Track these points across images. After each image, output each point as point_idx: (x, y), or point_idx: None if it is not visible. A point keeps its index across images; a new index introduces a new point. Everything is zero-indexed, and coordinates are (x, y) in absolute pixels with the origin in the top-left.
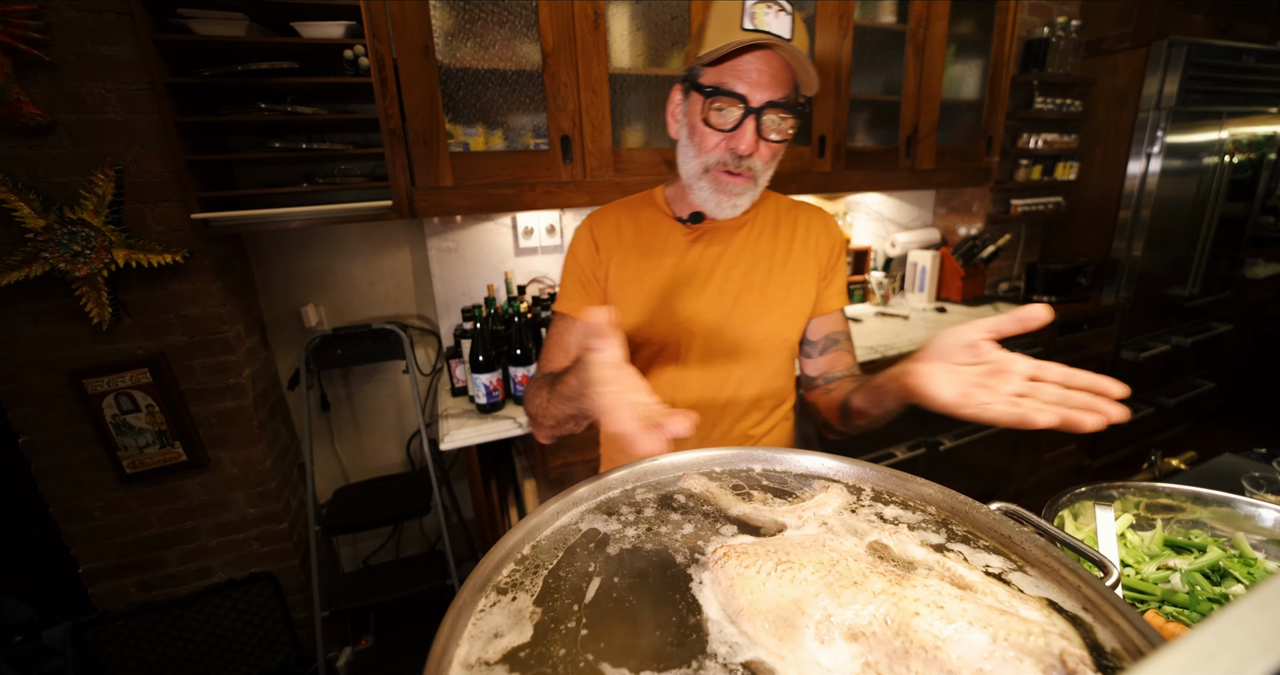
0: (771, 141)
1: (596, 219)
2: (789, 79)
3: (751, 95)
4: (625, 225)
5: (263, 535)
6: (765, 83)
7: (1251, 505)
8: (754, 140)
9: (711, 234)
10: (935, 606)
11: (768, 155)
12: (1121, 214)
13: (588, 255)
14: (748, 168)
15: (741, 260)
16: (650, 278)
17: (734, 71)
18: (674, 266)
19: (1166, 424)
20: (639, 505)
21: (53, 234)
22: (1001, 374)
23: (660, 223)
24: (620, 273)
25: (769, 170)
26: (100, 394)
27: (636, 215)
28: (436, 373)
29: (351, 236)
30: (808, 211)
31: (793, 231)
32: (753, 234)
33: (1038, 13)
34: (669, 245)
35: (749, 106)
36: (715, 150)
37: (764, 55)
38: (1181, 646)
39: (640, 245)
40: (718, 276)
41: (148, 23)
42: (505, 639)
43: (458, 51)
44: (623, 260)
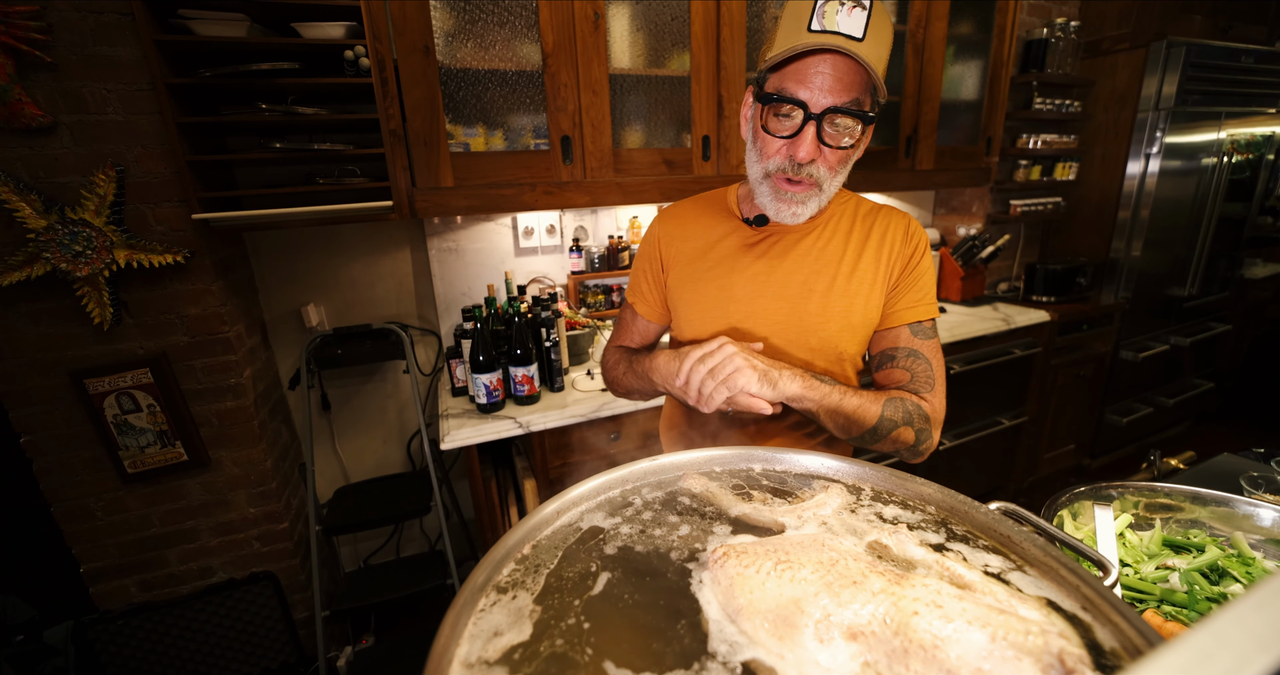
0: (837, 149)
1: (666, 215)
2: (859, 81)
3: (812, 101)
4: (690, 224)
5: (263, 535)
6: (828, 87)
7: (1250, 505)
8: (814, 147)
9: (776, 237)
10: (934, 606)
11: (834, 162)
12: (1121, 214)
13: (653, 251)
14: (808, 175)
15: (804, 266)
16: (708, 278)
17: (796, 76)
18: (733, 268)
19: (1165, 424)
20: (639, 505)
21: (54, 234)
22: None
23: (726, 223)
24: (680, 272)
25: (838, 177)
26: (101, 394)
27: (704, 214)
28: (437, 373)
29: (352, 237)
30: (887, 216)
31: (866, 238)
32: (821, 239)
33: (1037, 13)
34: (731, 247)
35: (809, 113)
36: (775, 156)
37: (829, 58)
38: (1180, 646)
39: (703, 245)
40: (776, 281)
41: (149, 23)
42: (505, 638)
43: (458, 52)
44: (684, 259)
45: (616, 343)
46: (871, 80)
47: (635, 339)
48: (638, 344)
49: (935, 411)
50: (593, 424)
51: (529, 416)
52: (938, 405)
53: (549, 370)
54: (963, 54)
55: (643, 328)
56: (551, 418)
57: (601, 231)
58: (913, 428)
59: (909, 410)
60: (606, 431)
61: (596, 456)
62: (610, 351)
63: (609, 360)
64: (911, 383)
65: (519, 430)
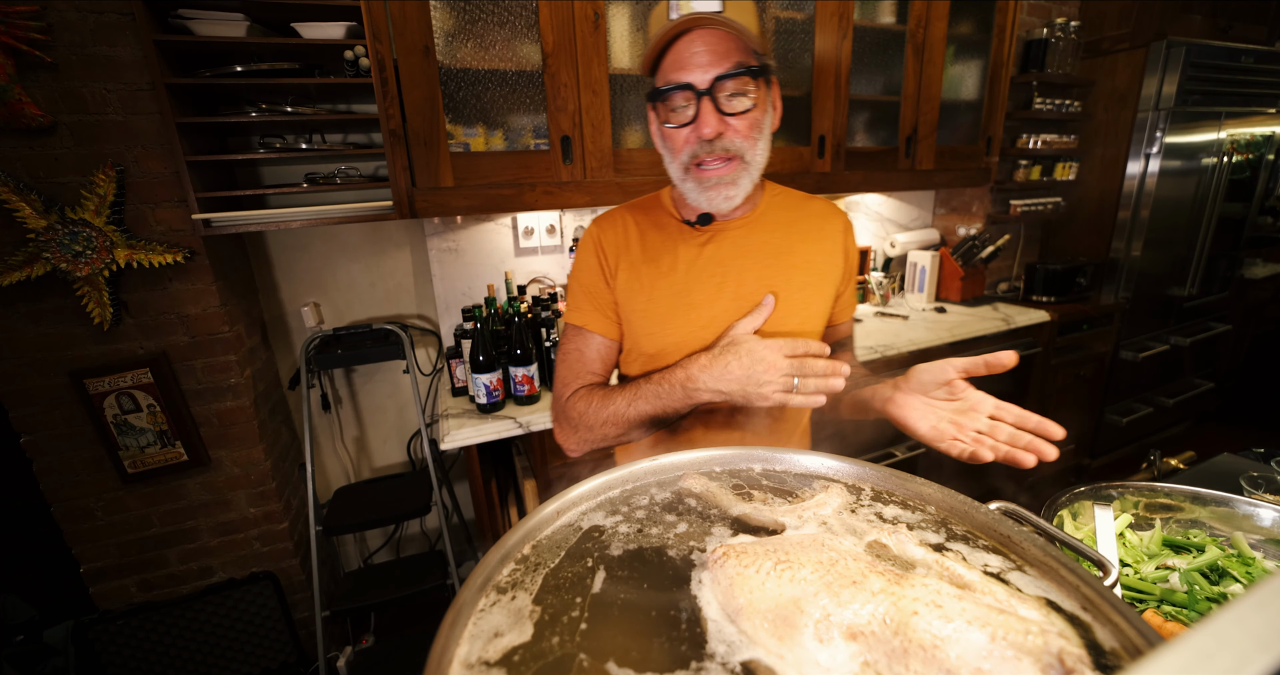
0: (739, 114)
1: (602, 225)
2: (734, 46)
3: (696, 78)
4: (632, 231)
5: (263, 535)
6: (706, 61)
7: (1250, 505)
8: (717, 120)
9: (722, 234)
10: (934, 606)
11: (745, 129)
12: (1120, 214)
13: (596, 263)
14: (724, 150)
15: (757, 264)
16: (662, 285)
17: (675, 64)
18: (686, 272)
19: (1165, 424)
20: (639, 505)
21: (54, 234)
22: (970, 412)
23: (668, 226)
24: (630, 281)
25: (759, 145)
26: (101, 394)
27: (643, 219)
28: (437, 373)
29: (352, 236)
30: (822, 207)
31: (808, 228)
32: (763, 232)
33: (1037, 13)
34: (679, 250)
35: (698, 90)
36: (686, 146)
37: (696, 35)
38: (1180, 646)
39: (649, 251)
40: (732, 280)
41: (148, 23)
42: (505, 638)
43: (458, 52)
44: (631, 268)
45: (577, 384)
46: (747, 43)
47: (598, 368)
48: (603, 374)
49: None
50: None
51: (529, 416)
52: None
53: (549, 370)
54: (963, 54)
55: (604, 351)
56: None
57: None
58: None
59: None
60: None
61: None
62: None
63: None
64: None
65: (519, 430)
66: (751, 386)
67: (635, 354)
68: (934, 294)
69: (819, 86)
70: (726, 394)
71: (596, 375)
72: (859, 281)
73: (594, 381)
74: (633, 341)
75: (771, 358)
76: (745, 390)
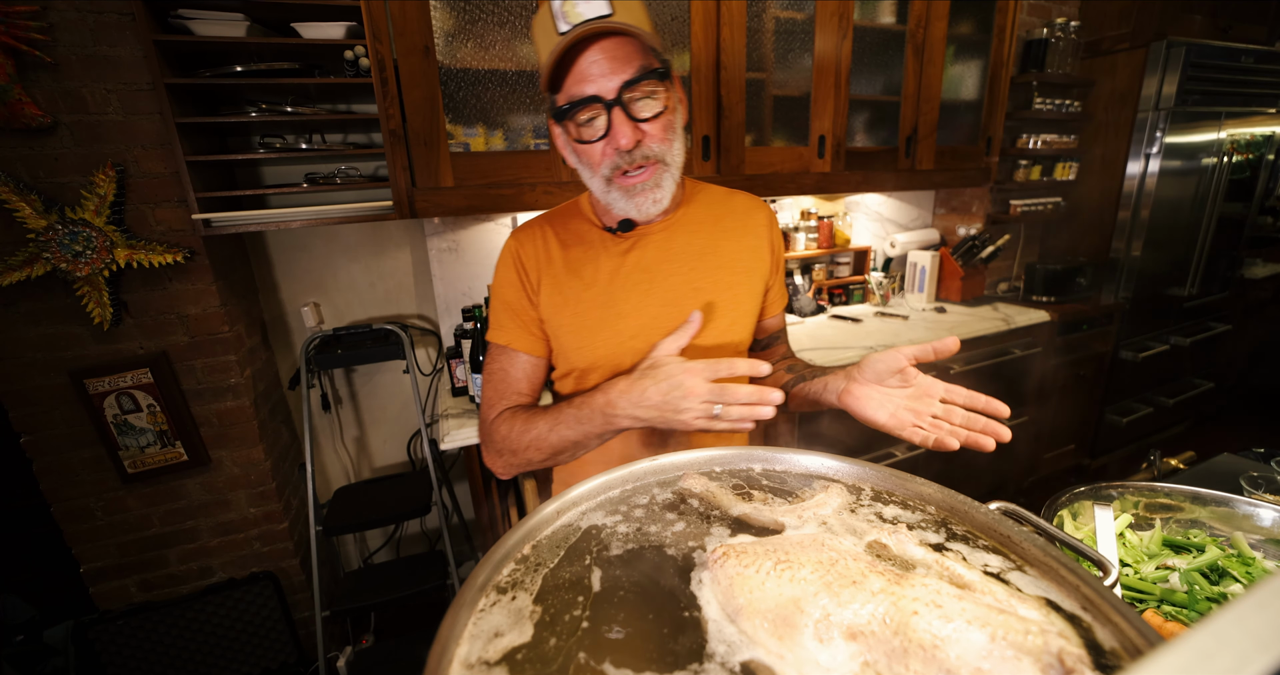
0: (653, 118)
1: (521, 238)
2: (634, 50)
3: (602, 89)
4: (553, 242)
5: (263, 535)
6: (609, 69)
7: (1250, 505)
8: (631, 129)
9: (645, 239)
10: (934, 605)
11: (659, 133)
12: (1120, 214)
13: (516, 279)
14: (644, 157)
15: (683, 266)
16: (587, 297)
17: (576, 78)
18: (610, 281)
19: (1165, 424)
20: (639, 505)
21: (54, 234)
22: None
23: (589, 235)
24: (553, 296)
25: (675, 146)
26: (101, 394)
27: (564, 230)
28: (437, 372)
29: (352, 236)
30: (745, 202)
31: (731, 225)
32: (686, 232)
33: (1037, 13)
34: (601, 259)
35: (607, 102)
36: (605, 160)
37: (593, 46)
38: (1180, 645)
39: (571, 263)
40: (660, 288)
41: (148, 23)
42: (505, 638)
43: (458, 52)
44: (554, 282)
45: (503, 406)
46: (646, 44)
47: (525, 388)
48: (530, 393)
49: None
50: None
51: None
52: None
53: None
54: (963, 54)
55: (530, 370)
56: None
57: None
58: None
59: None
60: None
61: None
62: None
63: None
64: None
65: None
66: (670, 413)
67: (566, 370)
68: (934, 294)
69: (819, 86)
70: (646, 420)
71: (523, 395)
72: (858, 282)
73: (521, 402)
74: (562, 357)
75: (690, 383)
76: (665, 417)
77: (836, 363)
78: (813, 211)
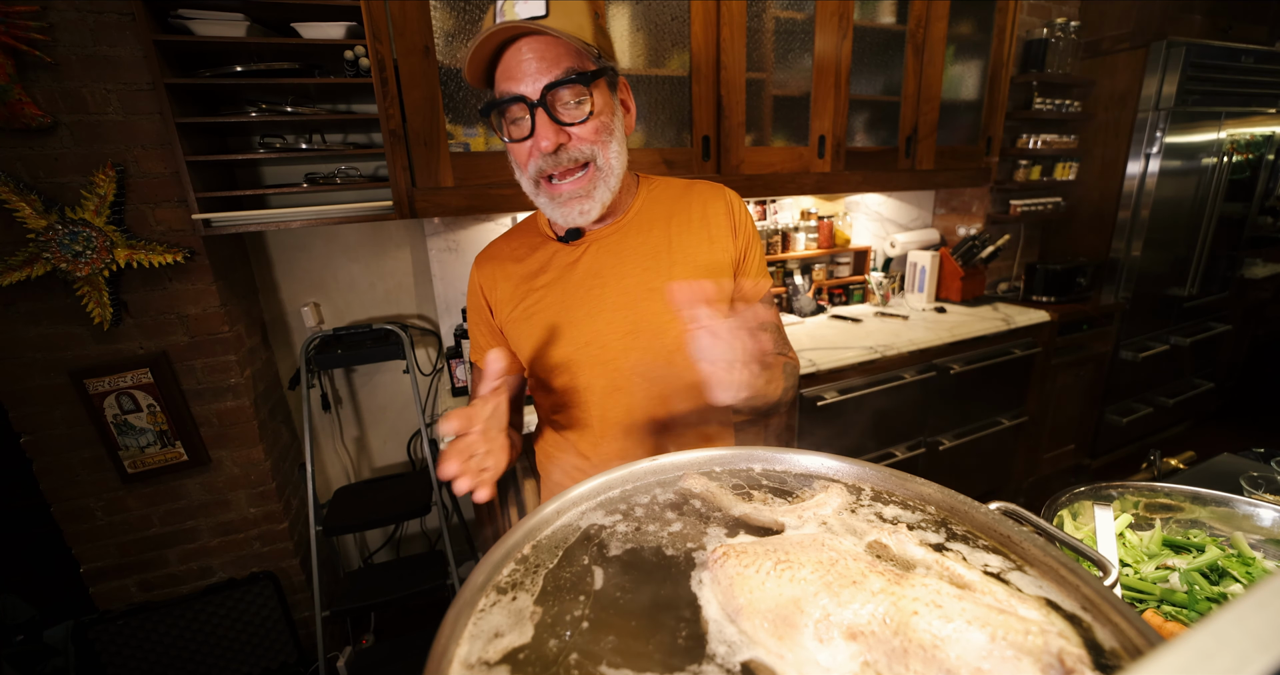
0: (581, 123)
1: (481, 259)
2: (565, 51)
3: (526, 89)
4: (507, 260)
5: (263, 535)
6: (535, 69)
7: (1250, 505)
8: (554, 131)
9: (597, 244)
10: (934, 606)
11: (590, 134)
12: (1120, 214)
13: (479, 301)
14: (571, 160)
15: (635, 266)
16: (540, 308)
17: (504, 75)
18: (563, 290)
19: (1165, 424)
20: (639, 505)
21: (54, 234)
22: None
23: (542, 247)
24: (510, 310)
25: (611, 149)
26: (101, 394)
27: (520, 245)
28: (437, 372)
29: (352, 237)
30: (703, 192)
31: (688, 219)
32: (639, 233)
33: (1037, 13)
34: (553, 269)
35: (530, 102)
36: (531, 160)
37: (523, 44)
38: (1180, 645)
39: (526, 276)
40: (611, 291)
41: (148, 23)
42: (505, 639)
43: (458, 52)
44: (510, 296)
45: None
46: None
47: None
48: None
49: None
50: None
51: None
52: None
53: None
54: (963, 54)
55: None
56: None
57: None
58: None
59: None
60: None
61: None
62: None
63: None
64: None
65: None
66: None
67: (532, 380)
68: (934, 294)
69: (819, 86)
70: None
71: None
72: (858, 282)
73: None
74: (526, 367)
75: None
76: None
77: (836, 363)
78: (813, 211)
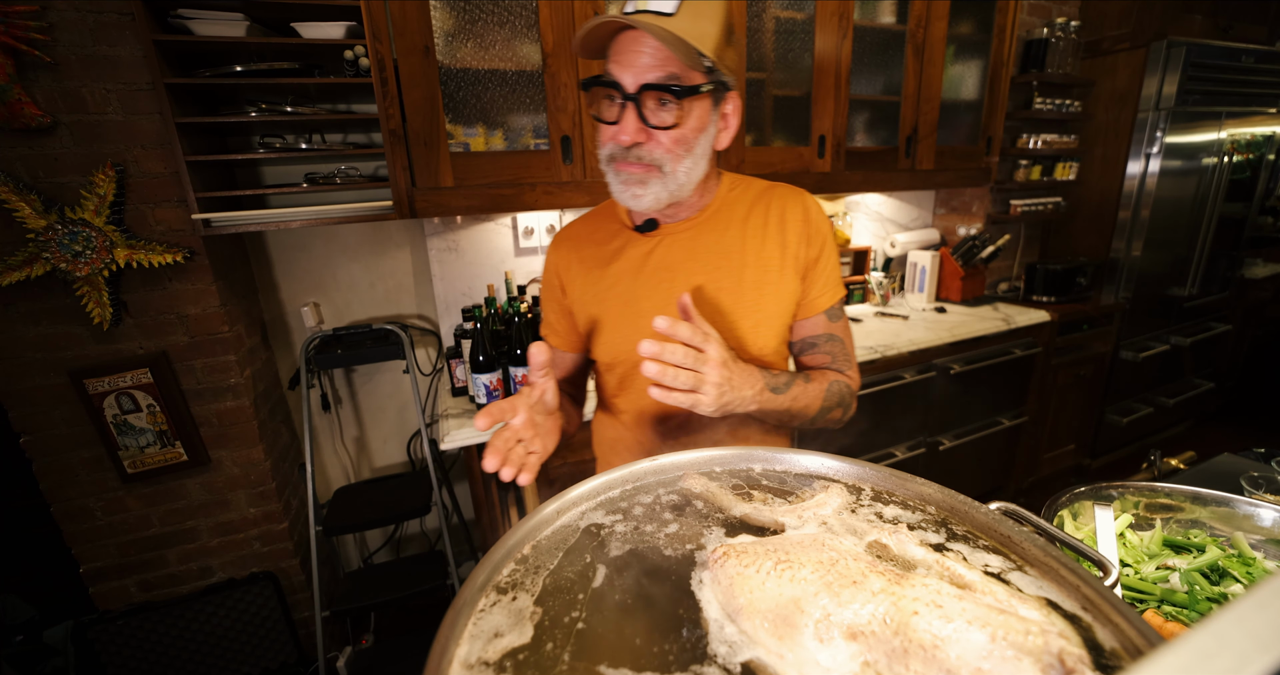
0: (665, 128)
1: (559, 239)
2: (672, 57)
3: (625, 80)
4: (584, 243)
5: (263, 535)
6: (640, 64)
7: (1250, 505)
8: (636, 129)
9: (671, 238)
10: (934, 606)
11: (670, 143)
12: (1121, 214)
13: (553, 280)
14: (637, 158)
15: (706, 265)
16: (610, 296)
17: (614, 58)
18: (634, 278)
19: (1166, 424)
20: (639, 505)
21: (54, 234)
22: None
23: (618, 235)
24: (582, 292)
25: (686, 161)
26: (101, 394)
27: (596, 230)
28: (437, 373)
29: (352, 236)
30: (782, 195)
31: (764, 222)
32: (714, 232)
33: (1037, 13)
34: (627, 256)
35: (624, 93)
36: (609, 143)
37: (641, 35)
38: (1180, 646)
39: (600, 260)
40: (680, 286)
41: (148, 23)
42: (505, 639)
43: (458, 52)
44: (583, 278)
45: None
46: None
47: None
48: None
49: (856, 383)
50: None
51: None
52: (856, 378)
53: None
54: (963, 54)
55: (565, 364)
56: None
57: None
58: (843, 407)
59: (842, 393)
60: None
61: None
62: None
63: None
64: (834, 363)
65: None
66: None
67: (599, 363)
68: (934, 294)
69: (819, 86)
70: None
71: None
72: (859, 281)
73: None
74: (592, 350)
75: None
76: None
77: None
78: None
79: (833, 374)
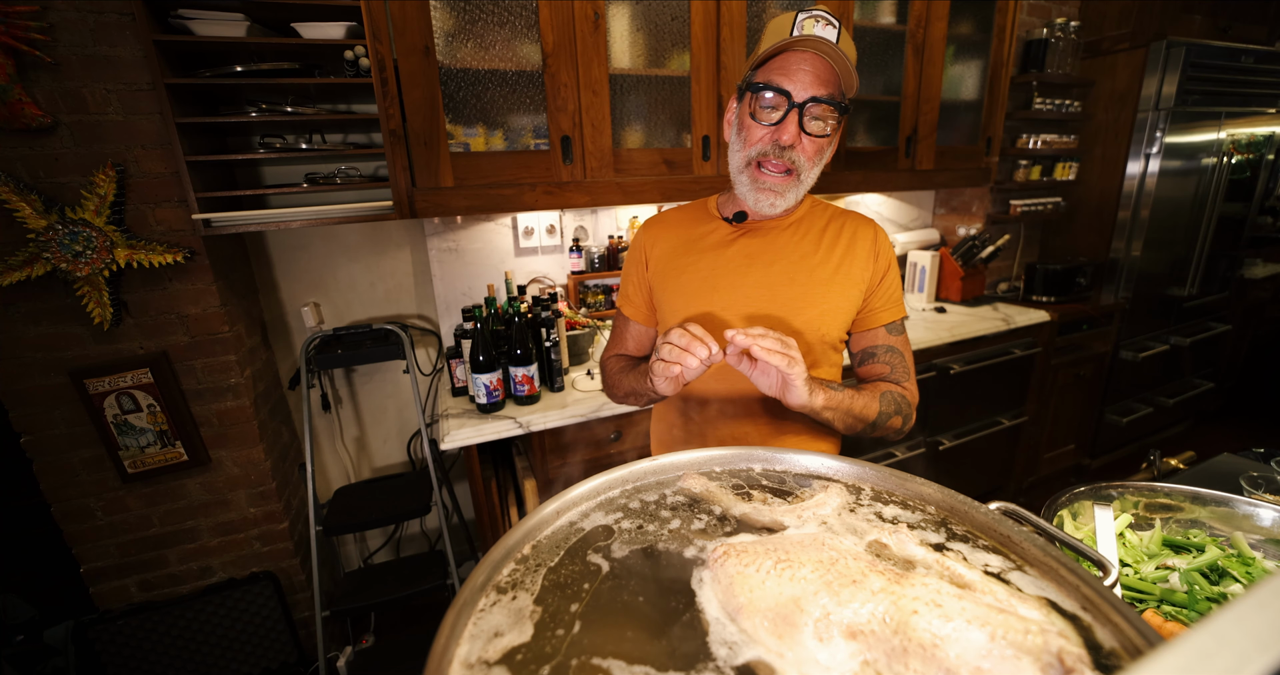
0: (814, 137)
1: (651, 221)
2: (833, 79)
3: (795, 91)
4: (674, 226)
5: (263, 535)
6: (809, 81)
7: (1250, 505)
8: (796, 131)
9: (755, 231)
10: (934, 605)
11: (811, 151)
12: (1120, 214)
13: (639, 255)
14: (790, 160)
15: (783, 257)
16: (691, 272)
17: (782, 70)
18: (715, 260)
19: (1165, 424)
20: (639, 505)
21: (54, 234)
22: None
23: (708, 223)
24: (665, 269)
25: (814, 169)
26: (101, 394)
27: (687, 218)
28: (437, 372)
29: (352, 236)
30: (856, 220)
31: (837, 240)
32: (796, 235)
33: (1037, 13)
34: (712, 241)
35: (793, 101)
36: (759, 143)
37: (808, 56)
38: (1180, 645)
39: (686, 243)
40: (758, 270)
41: (148, 23)
42: (506, 638)
43: (458, 52)
44: (668, 258)
45: (614, 351)
46: (841, 83)
47: (630, 346)
48: (634, 351)
49: (914, 396)
50: (593, 424)
51: (529, 416)
52: (914, 390)
53: (549, 370)
54: (963, 54)
55: (635, 333)
56: (551, 418)
57: (601, 231)
58: (901, 415)
59: (897, 401)
60: (607, 431)
61: (595, 457)
62: (610, 358)
63: (609, 366)
64: (891, 374)
65: (519, 430)
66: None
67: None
68: (934, 294)
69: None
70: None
71: (629, 351)
72: None
73: (624, 353)
74: (662, 321)
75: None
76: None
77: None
78: None
79: (885, 384)
